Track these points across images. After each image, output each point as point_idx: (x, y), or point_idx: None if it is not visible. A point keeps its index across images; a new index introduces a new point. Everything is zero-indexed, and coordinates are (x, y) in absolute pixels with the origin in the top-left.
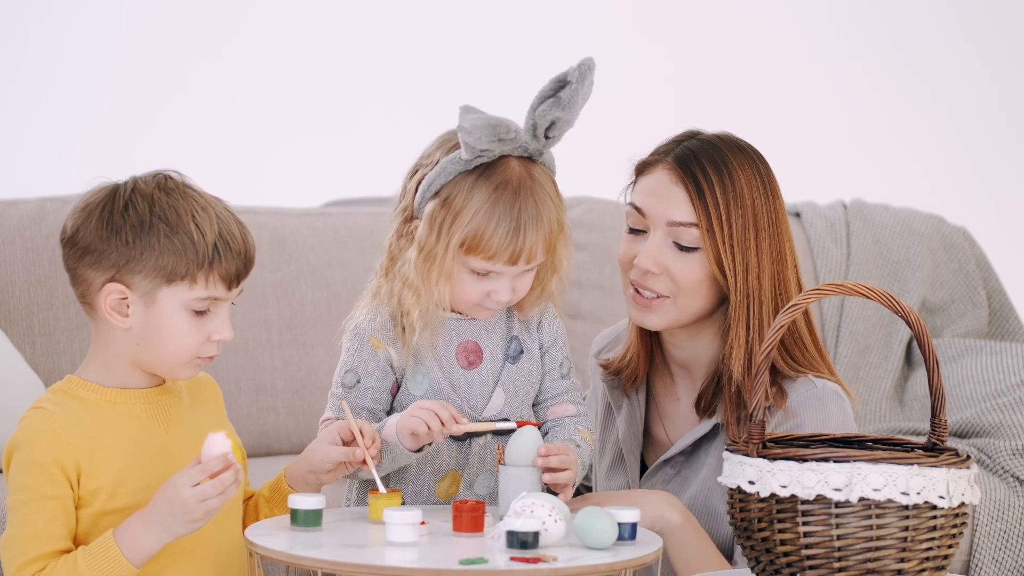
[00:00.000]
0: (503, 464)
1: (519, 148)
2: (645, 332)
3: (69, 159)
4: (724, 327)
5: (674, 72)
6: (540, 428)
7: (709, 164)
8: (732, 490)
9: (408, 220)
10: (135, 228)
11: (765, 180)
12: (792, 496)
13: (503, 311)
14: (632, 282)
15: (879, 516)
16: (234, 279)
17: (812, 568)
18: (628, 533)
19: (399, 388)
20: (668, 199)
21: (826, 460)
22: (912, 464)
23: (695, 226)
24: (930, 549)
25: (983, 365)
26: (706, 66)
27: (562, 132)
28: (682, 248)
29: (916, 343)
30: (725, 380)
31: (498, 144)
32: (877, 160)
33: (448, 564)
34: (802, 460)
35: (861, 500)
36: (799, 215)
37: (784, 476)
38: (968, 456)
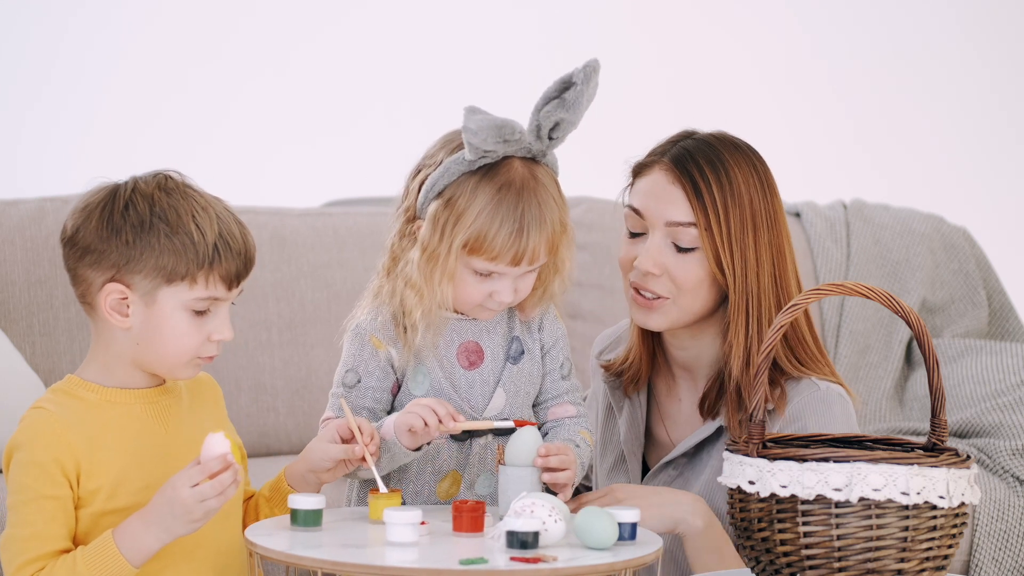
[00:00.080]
0: (503, 464)
1: (523, 149)
2: (647, 333)
3: (69, 159)
4: (724, 326)
5: (674, 72)
6: (540, 429)
7: (706, 163)
8: (732, 490)
9: (411, 220)
10: (135, 228)
11: (762, 177)
12: (792, 496)
13: (504, 311)
14: (633, 284)
15: (879, 516)
16: (234, 279)
17: (812, 568)
18: (628, 533)
19: (400, 388)
20: (666, 200)
21: (826, 460)
22: (912, 464)
23: (693, 226)
24: (930, 549)
25: (983, 365)
26: (706, 66)
27: (566, 133)
28: (681, 248)
29: (916, 343)
30: (726, 380)
31: (503, 145)
32: (877, 160)
33: (448, 564)
34: (802, 460)
35: (861, 500)
36: (799, 215)
37: (784, 476)
38: (968, 456)
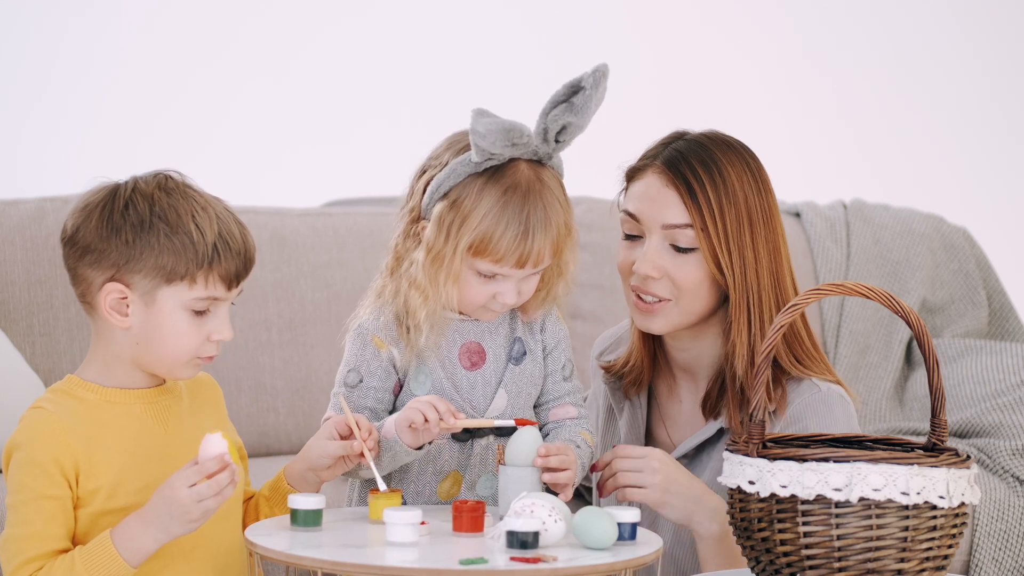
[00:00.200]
0: (503, 464)
1: (529, 152)
2: (647, 336)
3: (70, 159)
4: (726, 326)
5: (674, 73)
6: (541, 430)
7: (699, 164)
8: (732, 490)
9: (415, 220)
10: (135, 228)
11: (756, 175)
12: (792, 496)
13: (507, 312)
14: (633, 288)
15: (879, 516)
16: (234, 279)
17: (812, 568)
18: (628, 533)
19: (402, 388)
20: (661, 203)
21: (826, 460)
22: (912, 464)
23: (690, 227)
24: (930, 549)
25: (983, 365)
26: (707, 67)
27: (573, 137)
28: (679, 250)
29: (916, 343)
30: (729, 379)
31: (511, 148)
32: (877, 160)
33: (448, 564)
34: (802, 460)
35: (861, 500)
36: (799, 215)
37: (784, 476)
38: (968, 456)
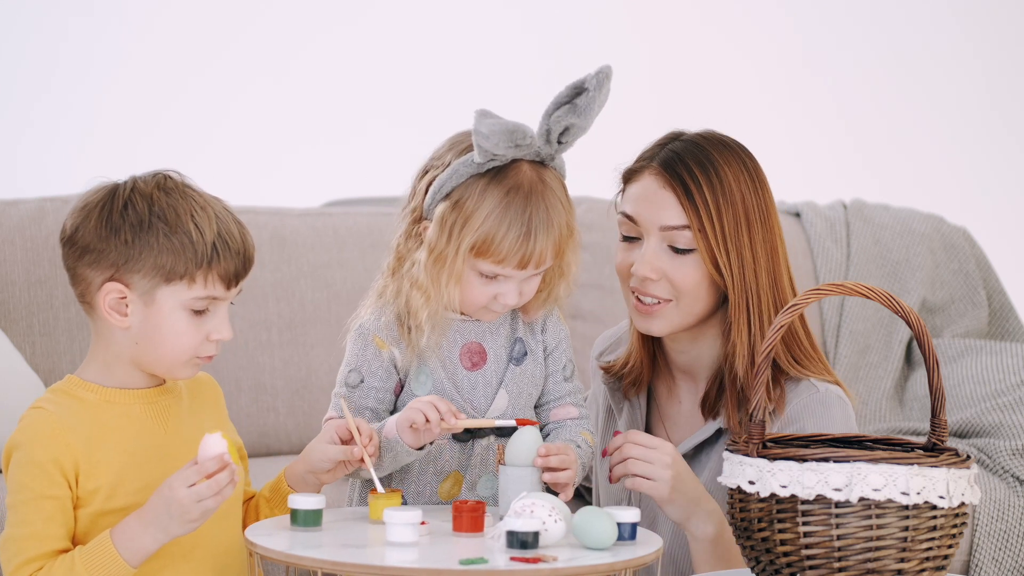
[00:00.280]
0: (503, 464)
1: (532, 153)
2: (647, 338)
3: (70, 159)
4: (725, 327)
5: (674, 73)
6: (542, 430)
7: (695, 164)
8: (732, 490)
9: (417, 221)
10: (134, 227)
11: (752, 174)
12: (792, 496)
13: (508, 312)
14: (632, 290)
15: (879, 516)
16: (233, 279)
17: (812, 568)
18: (628, 533)
19: (403, 389)
20: (658, 204)
21: (826, 460)
22: (912, 464)
23: (687, 228)
24: (930, 549)
25: (983, 365)
26: (706, 67)
27: (575, 138)
28: (678, 251)
29: (916, 343)
30: (728, 380)
31: (514, 150)
32: (877, 160)
33: (448, 564)
34: (802, 460)
35: (861, 500)
36: (799, 215)
37: (784, 476)
38: (968, 456)
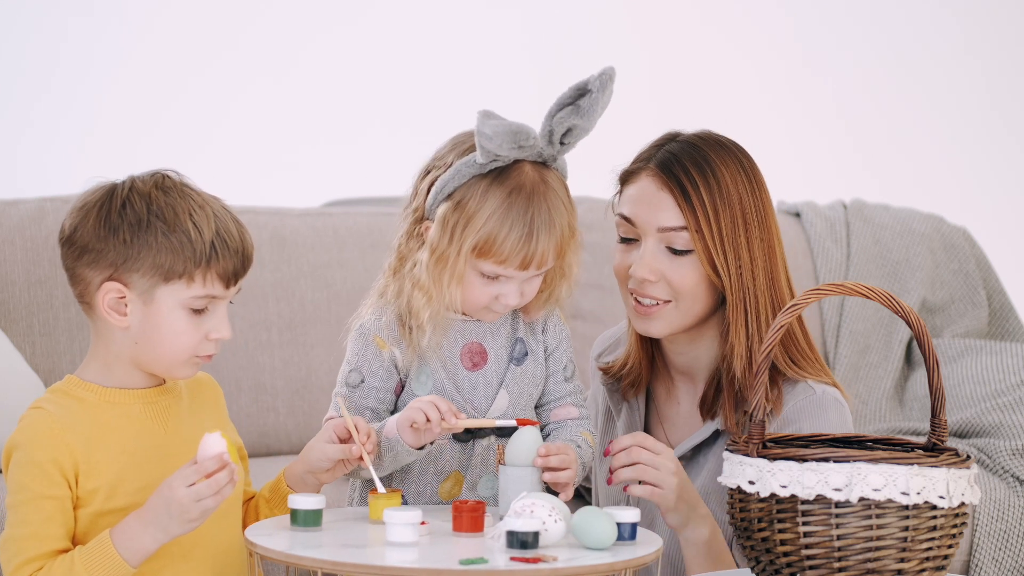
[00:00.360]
0: (503, 464)
1: (534, 153)
2: (645, 339)
3: (70, 159)
4: (723, 328)
5: (674, 73)
6: (542, 430)
7: (692, 165)
8: (732, 490)
9: (419, 221)
10: (133, 227)
11: (749, 174)
12: (792, 496)
13: (508, 313)
14: (631, 291)
15: (879, 516)
16: (232, 277)
17: (812, 568)
18: (628, 533)
19: (403, 389)
20: (655, 206)
21: (826, 460)
22: (912, 464)
23: (685, 229)
24: (930, 549)
25: (983, 365)
26: (706, 67)
27: (578, 139)
28: (675, 252)
29: (916, 343)
30: (726, 381)
31: (517, 151)
32: (877, 160)
33: (448, 564)
34: (802, 460)
35: (861, 500)
36: (799, 215)
37: (784, 476)
38: (968, 456)
